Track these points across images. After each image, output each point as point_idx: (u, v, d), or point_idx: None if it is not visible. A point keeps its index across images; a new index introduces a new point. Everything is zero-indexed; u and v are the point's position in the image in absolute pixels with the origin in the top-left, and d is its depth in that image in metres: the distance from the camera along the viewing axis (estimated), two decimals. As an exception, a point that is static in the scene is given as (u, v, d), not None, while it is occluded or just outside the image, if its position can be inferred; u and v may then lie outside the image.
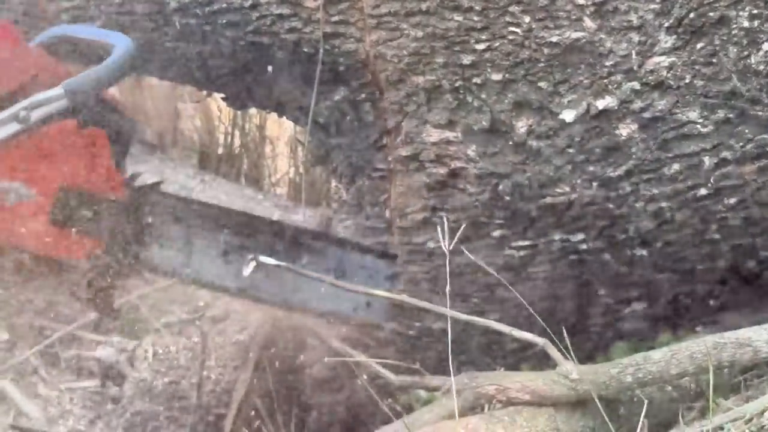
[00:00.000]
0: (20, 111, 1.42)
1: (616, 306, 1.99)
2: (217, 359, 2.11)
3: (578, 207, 1.87)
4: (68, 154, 1.49)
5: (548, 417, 1.60)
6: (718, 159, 1.75)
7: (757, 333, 1.59)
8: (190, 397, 2.14)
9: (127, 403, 2.18)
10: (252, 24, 2.04)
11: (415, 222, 2.04)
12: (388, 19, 1.91)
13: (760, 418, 1.48)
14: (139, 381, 2.19)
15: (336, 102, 2.09)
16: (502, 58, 1.84)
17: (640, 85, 1.76)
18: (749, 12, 1.65)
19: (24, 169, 1.45)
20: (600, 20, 1.76)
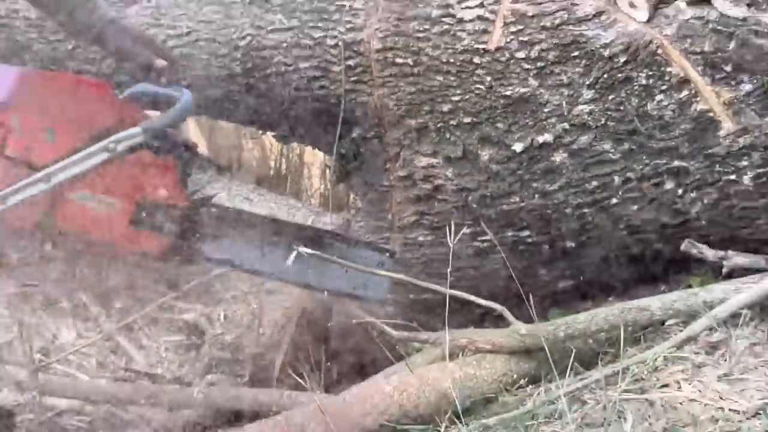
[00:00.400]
0: (109, 144, 1.42)
1: (552, 282, 1.98)
2: (269, 321, 2.11)
3: (525, 212, 1.87)
4: (144, 175, 1.51)
5: (504, 361, 1.61)
6: (625, 178, 1.75)
7: (653, 301, 1.59)
8: (250, 347, 2.13)
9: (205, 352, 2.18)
10: (294, 83, 2.04)
11: (409, 223, 2.03)
12: (390, 80, 1.91)
13: (654, 362, 1.48)
14: (213, 336, 2.19)
15: (353, 138, 2.07)
16: (470, 106, 1.85)
17: (569, 126, 1.76)
18: (645, 74, 1.66)
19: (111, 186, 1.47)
20: (540, 79, 1.77)
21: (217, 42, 2.10)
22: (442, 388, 1.54)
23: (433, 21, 1.86)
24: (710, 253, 1.64)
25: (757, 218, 1.68)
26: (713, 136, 1.64)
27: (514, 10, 1.79)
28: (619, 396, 1.39)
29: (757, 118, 1.60)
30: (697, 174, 1.68)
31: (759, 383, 1.36)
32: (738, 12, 1.59)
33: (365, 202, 2.17)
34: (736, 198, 1.67)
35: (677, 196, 1.72)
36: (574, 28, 1.72)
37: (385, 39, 1.90)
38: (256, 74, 2.08)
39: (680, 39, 1.63)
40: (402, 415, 1.50)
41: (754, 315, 1.54)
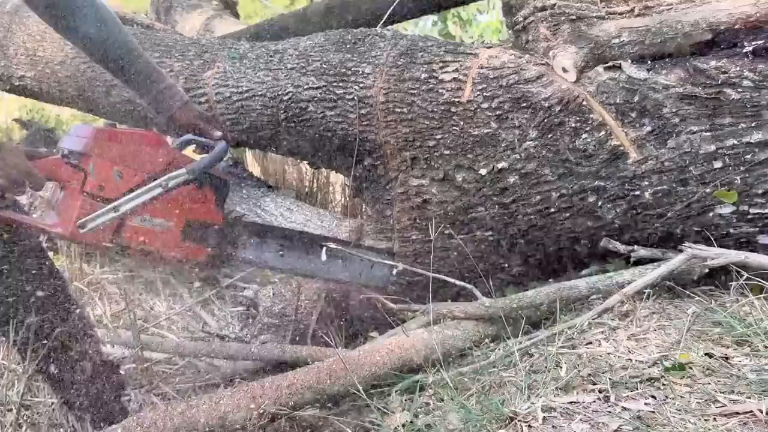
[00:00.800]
0: (162, 181, 1.42)
1: (508, 268, 1.95)
2: (305, 297, 2.09)
3: (488, 218, 1.84)
4: (190, 202, 1.48)
5: (474, 325, 1.60)
6: (560, 193, 1.73)
7: (580, 282, 1.59)
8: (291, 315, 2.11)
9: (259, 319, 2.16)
10: (322, 125, 2.02)
11: (405, 226, 1.99)
12: (391, 123, 1.89)
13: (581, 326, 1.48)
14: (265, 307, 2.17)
15: (365, 165, 2.04)
16: (449, 142, 1.82)
17: (519, 156, 1.74)
18: (574, 119, 1.65)
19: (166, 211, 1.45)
20: (499, 123, 1.75)
21: (267, 97, 2.07)
22: (429, 344, 1.54)
23: (421, 81, 1.84)
24: (621, 248, 1.63)
25: (655, 223, 1.66)
26: (623, 163, 1.63)
27: (480, 73, 1.78)
28: (557, 351, 1.38)
29: (655, 151, 1.59)
30: (611, 190, 1.67)
31: (657, 341, 1.36)
32: (640, 74, 1.59)
33: (374, 211, 2.14)
34: (640, 208, 1.66)
35: (597, 206, 1.70)
36: (523, 87, 1.71)
37: (388, 94, 1.88)
38: (295, 120, 2.05)
39: (599, 94, 1.63)
40: (401, 365, 1.50)
41: (653, 292, 1.54)
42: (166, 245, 1.46)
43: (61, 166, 1.34)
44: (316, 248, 1.80)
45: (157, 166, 1.44)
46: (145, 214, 1.42)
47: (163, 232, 1.45)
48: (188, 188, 1.48)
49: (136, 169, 1.40)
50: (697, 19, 1.51)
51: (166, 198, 1.43)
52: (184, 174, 1.45)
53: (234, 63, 2.16)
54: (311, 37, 2.14)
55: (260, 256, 1.70)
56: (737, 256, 1.43)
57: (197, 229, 1.51)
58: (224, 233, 1.59)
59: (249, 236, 1.67)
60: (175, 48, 2.28)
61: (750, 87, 1.47)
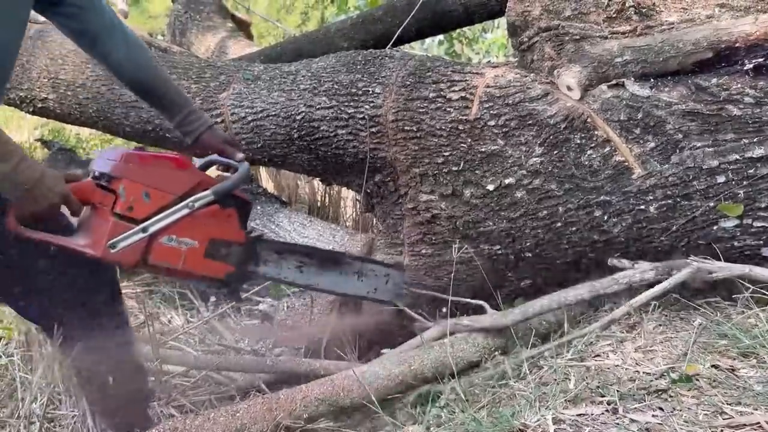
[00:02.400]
0: (188, 202, 1.43)
1: (517, 281, 1.94)
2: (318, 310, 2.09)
3: (496, 233, 1.84)
4: (214, 221, 1.49)
5: (483, 337, 1.61)
6: (566, 208, 1.73)
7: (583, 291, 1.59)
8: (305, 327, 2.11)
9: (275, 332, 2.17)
10: (334, 144, 2.04)
11: (415, 241, 1.99)
12: (401, 141, 1.90)
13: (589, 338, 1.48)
14: (279, 320, 2.18)
15: (375, 181, 2.06)
16: (457, 159, 1.83)
17: (526, 172, 1.75)
18: (579, 136, 1.66)
19: (192, 230, 1.45)
20: (505, 140, 1.76)
21: (281, 116, 2.10)
22: (440, 356, 1.54)
23: (430, 100, 1.86)
24: (627, 263, 1.64)
25: (660, 236, 1.66)
26: (628, 178, 1.63)
27: (486, 92, 1.80)
28: (565, 363, 1.39)
29: (658, 166, 1.60)
30: (617, 205, 1.67)
31: (664, 353, 1.36)
32: (644, 92, 1.60)
33: (384, 226, 2.15)
34: (645, 222, 1.66)
35: (603, 220, 1.70)
36: (529, 105, 1.73)
37: (397, 113, 1.90)
38: (308, 138, 2.07)
39: (603, 111, 1.64)
40: (414, 377, 1.50)
41: (659, 304, 1.54)
42: (190, 264, 1.47)
43: (92, 189, 1.36)
44: (333, 264, 1.81)
45: (184, 187, 1.45)
46: (171, 233, 1.43)
47: (188, 250, 1.45)
48: (212, 208, 1.48)
49: (163, 190, 1.42)
50: (698, 38, 1.52)
51: (191, 218, 1.45)
52: (210, 195, 1.47)
53: (249, 84, 2.19)
54: (323, 59, 2.17)
55: (279, 272, 1.71)
56: (741, 269, 1.43)
57: (220, 248, 1.52)
58: (245, 251, 1.59)
59: (269, 253, 1.69)
60: (191, 70, 2.32)
61: (751, 103, 1.48)
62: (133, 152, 1.40)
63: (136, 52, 1.49)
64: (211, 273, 1.52)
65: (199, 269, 1.49)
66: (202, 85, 2.26)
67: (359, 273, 1.86)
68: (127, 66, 1.49)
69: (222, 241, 1.52)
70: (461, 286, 1.94)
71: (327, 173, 2.22)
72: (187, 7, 3.95)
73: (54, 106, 2.61)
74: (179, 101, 1.58)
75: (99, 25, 1.41)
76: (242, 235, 1.57)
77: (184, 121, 1.58)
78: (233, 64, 2.40)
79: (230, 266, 1.55)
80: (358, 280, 1.85)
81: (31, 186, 1.17)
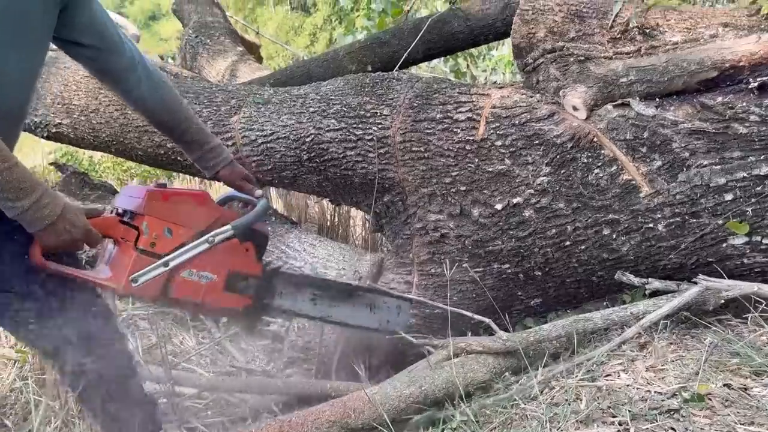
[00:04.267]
0: (209, 237, 1.46)
1: (526, 300, 1.94)
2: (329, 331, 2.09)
3: (505, 251, 1.85)
4: (233, 255, 1.51)
5: (493, 358, 1.59)
6: (575, 227, 1.74)
7: (595, 314, 1.58)
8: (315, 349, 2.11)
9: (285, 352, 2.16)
10: (343, 166, 2.06)
11: (424, 260, 2.00)
12: (409, 162, 1.92)
13: (600, 358, 1.47)
14: (290, 341, 2.18)
15: (384, 202, 2.07)
16: (465, 179, 1.85)
17: (533, 191, 1.76)
18: (586, 155, 1.67)
19: (211, 264, 1.48)
20: (513, 160, 1.78)
21: (291, 139, 2.12)
22: (450, 377, 1.54)
23: (437, 121, 1.88)
24: (636, 280, 1.63)
25: (669, 254, 1.66)
26: (635, 197, 1.64)
27: (492, 112, 1.82)
28: (576, 383, 1.38)
29: (666, 184, 1.60)
30: (625, 223, 1.68)
31: (675, 372, 1.35)
32: (649, 111, 1.61)
33: (393, 245, 2.16)
34: (653, 240, 1.66)
35: (612, 239, 1.71)
36: (535, 125, 1.74)
37: (405, 134, 1.92)
38: (317, 160, 2.09)
39: (610, 130, 1.65)
40: (423, 398, 1.50)
41: (669, 323, 1.53)
42: (210, 297, 1.49)
43: (115, 225, 1.39)
44: (346, 296, 1.83)
45: (204, 222, 1.48)
46: (191, 268, 1.45)
47: (207, 284, 1.48)
48: (231, 242, 1.51)
49: (185, 226, 1.45)
50: (702, 57, 1.54)
51: (211, 252, 1.47)
52: (230, 230, 1.49)
53: (259, 108, 2.22)
54: (331, 82, 2.20)
55: (294, 304, 1.73)
56: (750, 288, 1.43)
57: (238, 280, 1.54)
58: (262, 283, 1.62)
59: (284, 285, 1.71)
60: (203, 94, 2.35)
61: (757, 121, 1.48)
62: (156, 190, 1.43)
63: (159, 90, 1.50)
64: (229, 305, 1.54)
65: (218, 302, 1.51)
66: (213, 109, 2.29)
67: (371, 305, 1.88)
68: (149, 104, 1.51)
69: (240, 274, 1.54)
70: (471, 305, 1.94)
71: (336, 194, 2.23)
72: (198, 32, 4.01)
73: (68, 131, 2.65)
74: (200, 138, 1.59)
75: (121, 65, 1.43)
76: (259, 268, 1.60)
77: (203, 156, 1.61)
78: (243, 88, 2.43)
79: (247, 299, 1.57)
80: (370, 312, 1.87)
81: (52, 221, 1.18)
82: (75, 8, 1.32)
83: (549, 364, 1.56)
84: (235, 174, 1.65)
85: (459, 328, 1.93)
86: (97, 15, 1.37)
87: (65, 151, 4.72)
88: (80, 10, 1.33)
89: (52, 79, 2.66)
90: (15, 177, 1.11)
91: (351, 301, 1.83)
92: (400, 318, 1.92)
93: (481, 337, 1.66)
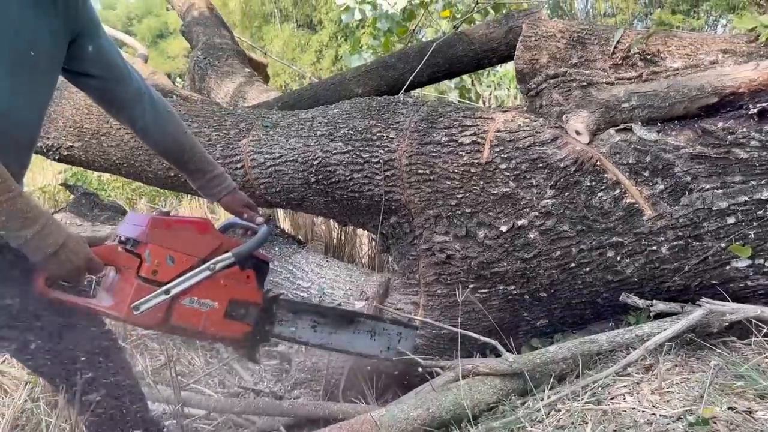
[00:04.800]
0: (210, 265, 1.45)
1: (533, 321, 1.95)
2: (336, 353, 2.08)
3: (511, 273, 1.86)
4: (234, 282, 1.50)
5: (500, 380, 1.60)
6: (579, 249, 1.75)
7: (600, 336, 1.59)
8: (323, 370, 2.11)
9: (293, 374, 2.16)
10: (350, 188, 2.08)
11: (430, 281, 2.02)
12: (415, 184, 1.95)
13: (605, 380, 1.48)
14: (298, 362, 2.18)
15: (391, 223, 2.09)
16: (470, 201, 1.87)
17: (538, 214, 1.78)
18: (589, 178, 1.69)
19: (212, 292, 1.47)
20: (517, 182, 1.80)
21: (299, 162, 2.15)
22: (457, 399, 1.55)
23: (442, 144, 1.91)
24: (641, 302, 1.64)
25: (672, 276, 1.68)
26: (639, 220, 1.66)
27: (497, 136, 1.84)
28: (582, 406, 1.39)
29: (668, 208, 1.62)
30: (629, 246, 1.69)
31: (680, 395, 1.36)
32: (651, 136, 1.64)
33: (400, 266, 2.17)
34: (657, 262, 1.68)
35: (616, 261, 1.72)
36: (539, 148, 1.77)
37: (411, 157, 1.95)
38: (325, 182, 2.12)
39: (612, 155, 1.68)
40: (431, 420, 1.51)
41: (674, 345, 1.54)
42: (210, 324, 1.49)
43: (118, 253, 1.41)
44: (347, 323, 1.82)
45: (206, 250, 1.48)
46: (192, 295, 1.45)
47: (208, 311, 1.48)
48: (232, 270, 1.51)
49: (187, 254, 1.45)
50: (702, 83, 1.57)
51: (212, 280, 1.47)
52: (231, 258, 1.49)
53: (267, 131, 2.25)
54: (339, 105, 2.24)
55: (294, 332, 1.72)
56: (754, 311, 1.44)
57: (239, 308, 1.54)
58: (263, 311, 1.61)
59: (285, 313, 1.70)
60: (212, 118, 2.39)
61: (757, 146, 1.51)
62: (158, 218, 1.44)
63: (163, 119, 1.53)
64: (229, 333, 1.53)
65: (218, 330, 1.51)
66: (223, 132, 2.33)
67: (372, 332, 1.86)
68: (153, 133, 1.54)
69: (241, 302, 1.54)
70: (477, 326, 1.96)
71: (343, 215, 2.26)
72: (206, 53, 4.07)
73: (79, 153, 2.69)
74: (203, 167, 1.61)
75: (127, 95, 1.46)
76: (260, 296, 1.58)
77: (206, 185, 1.64)
78: (252, 111, 2.47)
79: (248, 326, 1.56)
80: (371, 339, 1.84)
81: (55, 249, 1.19)
82: (84, 40, 1.35)
83: (555, 386, 1.57)
84: (237, 201, 1.67)
85: (465, 349, 1.95)
86: (104, 46, 1.40)
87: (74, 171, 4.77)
88: (89, 41, 1.36)
89: (65, 103, 2.71)
90: (19, 207, 1.13)
91: (351, 328, 1.81)
92: (402, 345, 1.90)
93: (488, 359, 1.67)
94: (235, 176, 2.29)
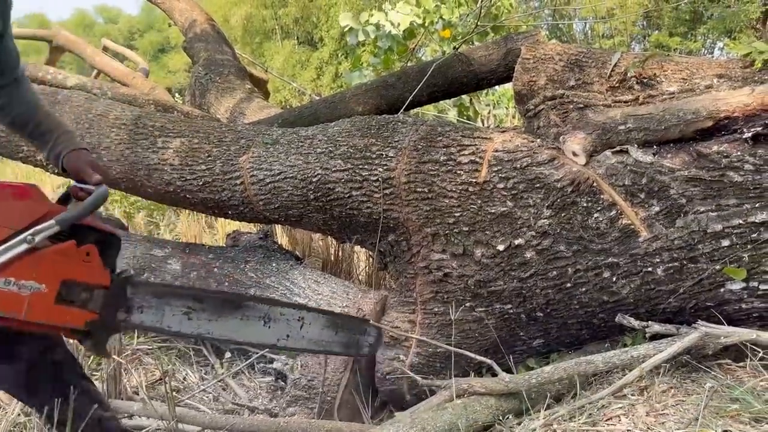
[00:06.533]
0: (27, 236, 1.20)
1: (528, 341, 1.95)
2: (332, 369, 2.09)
3: (507, 292, 1.87)
4: (68, 260, 1.25)
5: (496, 399, 1.61)
6: (575, 269, 1.76)
7: (597, 357, 1.60)
8: (318, 387, 2.10)
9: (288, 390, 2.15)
10: (349, 205, 2.09)
11: (428, 299, 2.02)
12: (413, 202, 1.96)
13: (601, 401, 1.49)
14: (294, 378, 2.17)
15: (389, 240, 2.10)
16: (467, 219, 1.88)
17: (535, 233, 1.79)
18: (586, 199, 1.71)
19: (36, 271, 1.22)
20: (514, 202, 1.81)
21: (298, 179, 2.16)
22: (452, 419, 1.55)
23: (440, 163, 1.93)
24: (636, 323, 1.65)
25: (668, 298, 1.69)
26: (634, 241, 1.68)
27: (495, 156, 1.86)
28: (578, 427, 1.39)
29: (664, 229, 1.64)
30: (625, 267, 1.70)
31: (675, 417, 1.36)
32: (647, 158, 1.66)
33: (397, 284, 2.18)
34: (652, 284, 1.69)
35: (612, 281, 1.73)
36: (536, 168, 1.79)
37: (409, 175, 1.96)
38: (324, 200, 2.13)
39: (609, 176, 1.70)
40: (425, 440, 1.51)
41: (669, 367, 1.55)
42: (37, 312, 1.22)
43: None
44: (231, 309, 1.51)
45: (26, 219, 1.22)
46: (8, 276, 1.19)
47: (32, 296, 1.21)
48: (65, 245, 1.25)
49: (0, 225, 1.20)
50: (697, 107, 1.59)
51: (36, 256, 1.21)
52: (53, 225, 1.22)
53: (267, 148, 2.27)
54: (338, 123, 2.26)
55: (160, 320, 1.42)
56: (749, 335, 1.45)
57: (77, 292, 1.28)
58: (112, 295, 1.34)
59: (145, 298, 1.41)
60: (213, 134, 2.41)
61: (751, 170, 1.53)
62: None
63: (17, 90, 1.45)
64: (64, 322, 1.28)
65: (48, 318, 1.25)
66: (223, 149, 2.34)
67: (266, 318, 1.55)
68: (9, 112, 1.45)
69: (79, 284, 1.28)
70: (473, 345, 1.96)
71: (341, 232, 2.26)
72: (207, 69, 4.11)
73: (79, 166, 2.70)
74: (51, 127, 1.45)
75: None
76: (106, 277, 1.33)
77: (53, 147, 1.43)
78: (253, 128, 2.49)
79: (92, 313, 1.31)
80: (264, 326, 1.54)
81: None
82: None
83: (551, 406, 1.57)
84: (78, 161, 1.41)
85: (462, 368, 1.95)
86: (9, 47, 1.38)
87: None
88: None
89: (66, 117, 2.72)
90: None
91: (238, 314, 1.51)
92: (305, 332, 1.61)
93: (484, 378, 1.68)
94: (234, 192, 2.30)
